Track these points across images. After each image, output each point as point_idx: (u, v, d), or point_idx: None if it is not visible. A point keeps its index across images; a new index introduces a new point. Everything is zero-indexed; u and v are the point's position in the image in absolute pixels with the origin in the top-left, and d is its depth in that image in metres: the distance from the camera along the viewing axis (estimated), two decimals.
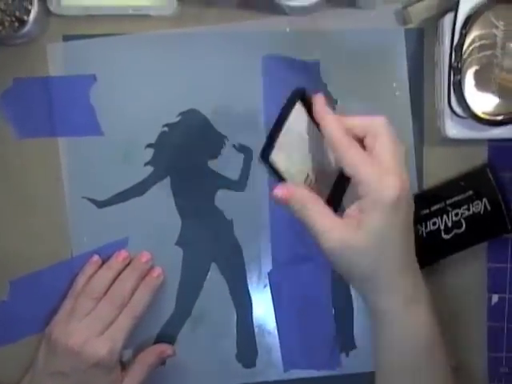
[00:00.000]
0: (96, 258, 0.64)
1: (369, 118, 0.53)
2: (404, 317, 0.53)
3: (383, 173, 0.50)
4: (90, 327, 0.60)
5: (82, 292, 0.63)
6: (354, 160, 0.51)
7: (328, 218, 0.51)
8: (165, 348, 0.64)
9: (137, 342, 0.65)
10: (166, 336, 0.65)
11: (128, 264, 0.64)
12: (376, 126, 0.52)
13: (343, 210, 0.53)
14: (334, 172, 0.56)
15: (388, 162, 0.51)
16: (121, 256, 0.64)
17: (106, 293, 0.62)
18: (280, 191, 0.52)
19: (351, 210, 0.52)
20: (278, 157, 0.53)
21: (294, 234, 0.65)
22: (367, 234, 0.50)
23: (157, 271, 0.64)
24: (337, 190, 0.56)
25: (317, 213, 0.51)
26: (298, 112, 0.54)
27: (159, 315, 0.65)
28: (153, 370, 0.64)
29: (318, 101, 0.53)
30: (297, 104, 0.54)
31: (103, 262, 0.64)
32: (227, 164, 0.65)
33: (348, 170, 0.51)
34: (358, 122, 0.53)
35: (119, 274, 0.64)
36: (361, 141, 0.53)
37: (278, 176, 0.53)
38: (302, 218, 0.52)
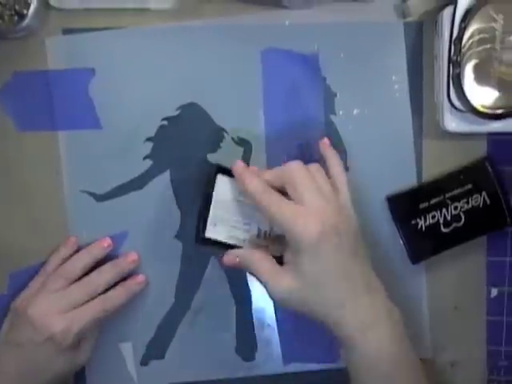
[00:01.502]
0: (73, 239, 0.64)
1: (282, 167, 0.57)
2: (362, 344, 0.54)
3: (300, 216, 0.53)
4: (54, 304, 0.60)
5: (55, 271, 0.63)
6: (274, 210, 0.55)
7: (270, 269, 0.56)
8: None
9: (137, 335, 0.65)
10: (166, 329, 0.65)
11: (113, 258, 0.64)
12: (289, 172, 0.56)
13: None
14: None
15: (306, 203, 0.54)
16: (104, 242, 0.64)
17: (79, 277, 0.62)
18: (227, 260, 0.58)
19: (287, 255, 0.56)
20: (214, 231, 0.59)
21: None
22: (301, 275, 0.54)
23: (140, 278, 0.64)
24: None
25: (260, 268, 0.56)
26: (223, 183, 0.60)
27: (159, 308, 0.65)
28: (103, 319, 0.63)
29: (236, 168, 0.58)
30: (218, 177, 0.59)
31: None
32: (227, 157, 0.64)
33: (272, 221, 0.56)
34: (274, 174, 0.57)
35: (96, 263, 0.63)
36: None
37: (223, 246, 0.59)
38: (253, 274, 0.57)
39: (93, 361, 0.64)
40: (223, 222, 0.60)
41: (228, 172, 0.60)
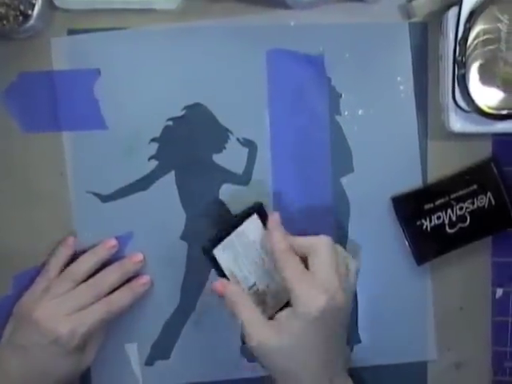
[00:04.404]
0: (71, 239, 0.64)
1: (312, 238, 0.58)
2: None
3: (313, 289, 0.55)
4: (60, 306, 0.60)
5: (62, 273, 0.62)
6: (290, 273, 0.56)
7: (255, 318, 0.56)
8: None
9: (142, 335, 0.65)
10: (171, 329, 0.65)
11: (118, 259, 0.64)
12: (318, 245, 0.57)
13: None
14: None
15: (321, 279, 0.55)
16: (108, 244, 0.64)
17: (85, 278, 0.62)
18: (216, 286, 0.59)
19: (281, 314, 0.56)
20: (221, 254, 0.59)
21: (297, 228, 0.64)
22: (284, 339, 0.55)
23: (145, 279, 0.64)
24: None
25: (244, 311, 0.57)
26: (254, 223, 0.60)
27: (164, 308, 0.65)
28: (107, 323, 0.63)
29: (272, 217, 0.59)
30: (254, 215, 0.60)
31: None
32: (232, 158, 0.65)
33: (284, 282, 0.56)
34: (303, 242, 0.58)
35: (103, 263, 0.63)
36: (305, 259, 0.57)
37: (219, 271, 0.59)
38: (233, 312, 0.57)
39: (98, 361, 0.64)
40: (232, 254, 0.60)
41: (263, 216, 0.60)
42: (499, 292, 0.66)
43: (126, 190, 0.65)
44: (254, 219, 0.60)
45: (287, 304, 0.57)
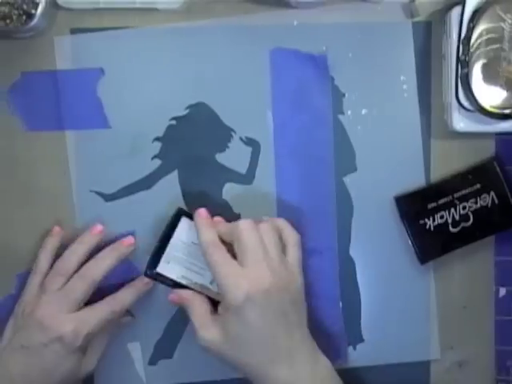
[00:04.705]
0: (57, 229, 0.64)
1: (232, 224, 0.59)
2: None
3: (233, 277, 0.56)
4: (61, 302, 0.60)
5: (52, 269, 0.62)
6: (214, 266, 0.57)
7: (202, 316, 0.58)
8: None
9: (145, 334, 0.65)
10: (174, 328, 0.65)
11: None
12: (237, 232, 0.58)
13: None
14: None
15: (248, 265, 0.56)
16: (95, 230, 0.63)
17: (77, 269, 0.61)
18: (171, 298, 0.61)
19: (220, 309, 0.58)
20: (167, 268, 0.61)
21: (301, 227, 0.64)
22: (225, 333, 0.56)
23: (145, 279, 0.63)
24: None
25: (195, 312, 0.59)
26: (186, 226, 0.62)
27: (167, 307, 0.65)
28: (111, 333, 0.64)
29: (196, 215, 0.61)
30: (182, 219, 0.62)
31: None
32: (235, 157, 0.65)
33: (212, 275, 0.58)
34: (226, 229, 0.59)
35: (92, 251, 0.63)
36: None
37: (172, 283, 0.61)
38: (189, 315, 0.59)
39: (101, 360, 0.64)
40: (177, 262, 0.61)
41: (191, 216, 0.61)
42: (502, 291, 0.66)
43: (129, 188, 0.65)
44: (184, 222, 0.62)
45: None
